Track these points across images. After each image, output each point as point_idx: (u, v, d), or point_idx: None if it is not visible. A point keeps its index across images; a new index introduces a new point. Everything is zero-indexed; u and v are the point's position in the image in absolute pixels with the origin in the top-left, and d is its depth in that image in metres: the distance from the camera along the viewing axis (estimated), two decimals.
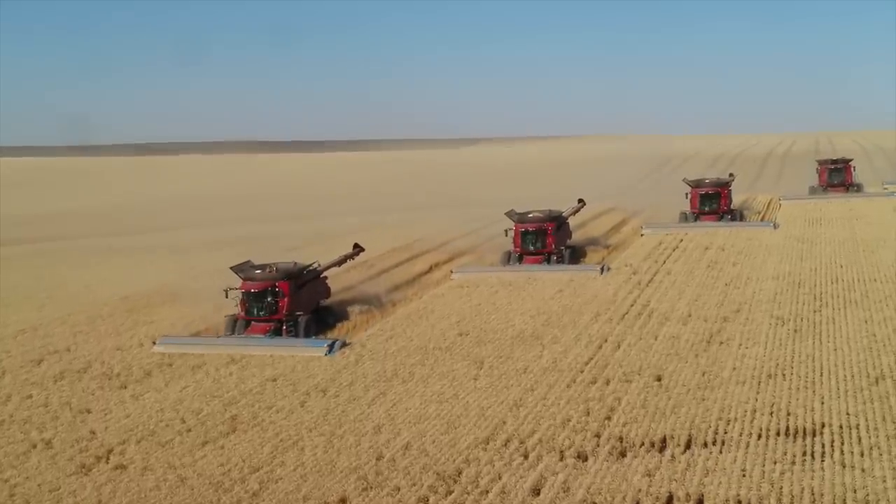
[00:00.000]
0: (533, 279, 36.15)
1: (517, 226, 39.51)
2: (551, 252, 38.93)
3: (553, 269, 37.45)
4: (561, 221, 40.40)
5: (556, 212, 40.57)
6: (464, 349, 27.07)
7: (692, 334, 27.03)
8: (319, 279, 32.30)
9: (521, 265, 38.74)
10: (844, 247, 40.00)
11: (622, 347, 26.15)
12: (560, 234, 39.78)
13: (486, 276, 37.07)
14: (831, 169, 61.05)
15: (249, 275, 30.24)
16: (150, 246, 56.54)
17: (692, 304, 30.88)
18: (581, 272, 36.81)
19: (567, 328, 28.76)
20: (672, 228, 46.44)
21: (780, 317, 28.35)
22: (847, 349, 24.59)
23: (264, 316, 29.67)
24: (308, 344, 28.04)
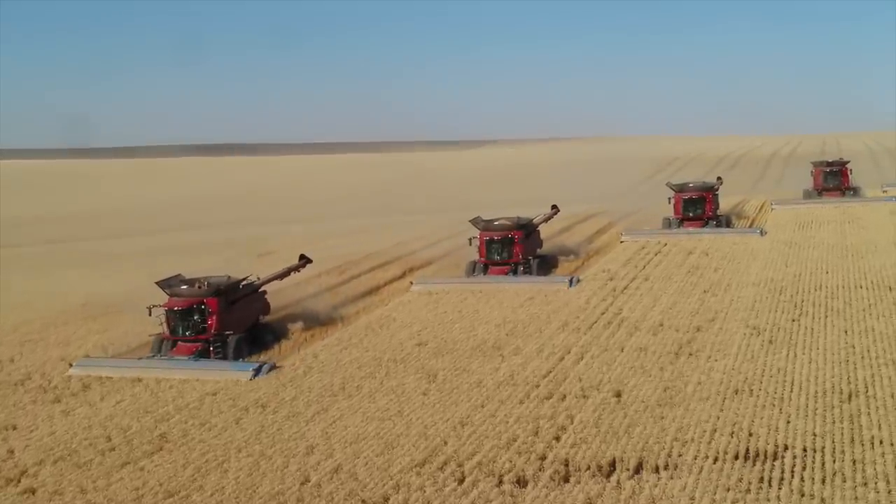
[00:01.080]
0: (497, 291, 34.08)
1: (482, 234, 37.11)
2: (518, 262, 36.60)
3: (518, 281, 35.13)
4: (530, 229, 38.17)
5: (524, 219, 38.15)
6: (419, 361, 25.65)
7: (661, 345, 25.54)
8: (257, 294, 29.99)
9: (485, 276, 36.35)
10: (833, 252, 38.38)
11: (585, 359, 24.68)
12: (529, 243, 37.50)
13: (448, 288, 35.01)
14: (826, 171, 57.48)
15: (175, 291, 27.99)
16: (130, 251, 55.36)
17: (666, 312, 29.37)
18: (548, 284, 34.46)
19: (531, 338, 27.31)
20: (653, 235, 44.20)
21: (756, 326, 26.82)
22: (822, 362, 23.06)
23: (191, 336, 27.21)
24: (233, 368, 25.63)
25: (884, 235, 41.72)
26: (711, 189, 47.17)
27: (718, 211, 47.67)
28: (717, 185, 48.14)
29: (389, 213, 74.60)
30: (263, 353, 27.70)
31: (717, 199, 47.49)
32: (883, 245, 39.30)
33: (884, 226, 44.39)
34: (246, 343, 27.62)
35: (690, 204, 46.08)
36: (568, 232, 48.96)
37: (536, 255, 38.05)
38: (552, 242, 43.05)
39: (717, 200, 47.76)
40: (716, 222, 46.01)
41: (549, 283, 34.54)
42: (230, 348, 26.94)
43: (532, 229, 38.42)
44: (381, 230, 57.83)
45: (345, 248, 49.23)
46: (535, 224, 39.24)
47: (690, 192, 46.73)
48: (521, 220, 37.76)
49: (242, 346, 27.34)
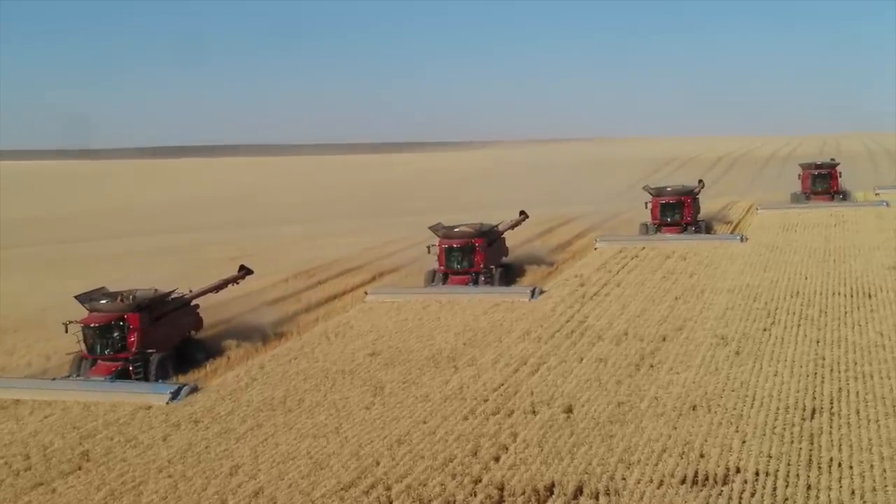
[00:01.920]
0: (453, 302, 32.16)
1: (441, 241, 35.01)
2: (479, 272, 34.59)
3: (478, 292, 33.17)
4: (493, 237, 36.16)
5: (487, 226, 36.20)
6: (369, 372, 24.44)
7: (622, 356, 24.30)
8: (187, 308, 27.71)
9: (443, 286, 34.15)
10: (814, 256, 37.09)
11: (540, 371, 23.46)
12: (492, 252, 35.48)
13: (402, 299, 33.10)
14: (815, 174, 55.10)
15: (94, 306, 25.88)
16: (114, 253, 54.04)
17: (633, 320, 28.13)
18: (508, 296, 32.35)
19: (489, 348, 26.09)
20: (629, 242, 42.11)
21: (724, 336, 25.56)
22: (788, 375, 21.81)
23: (110, 354, 25.15)
24: (150, 390, 23.49)
25: (868, 239, 40.45)
26: (691, 193, 45.24)
27: (699, 216, 45.76)
28: (697, 189, 46.26)
29: (380, 215, 73.35)
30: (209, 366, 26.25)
31: (697, 204, 45.54)
32: (866, 249, 38.03)
33: (869, 229, 43.12)
34: (172, 362, 25.58)
35: (668, 209, 44.13)
36: (543, 237, 47.41)
37: (500, 264, 36.14)
38: (523, 249, 41.59)
39: (698, 205, 45.91)
40: (695, 228, 44.03)
41: (510, 295, 32.50)
42: (152, 368, 24.87)
43: (496, 237, 36.62)
44: (365, 232, 56.61)
45: (321, 250, 48.15)
46: (500, 231, 37.36)
47: (668, 196, 44.70)
48: (484, 226, 35.92)
49: (167, 365, 25.26)
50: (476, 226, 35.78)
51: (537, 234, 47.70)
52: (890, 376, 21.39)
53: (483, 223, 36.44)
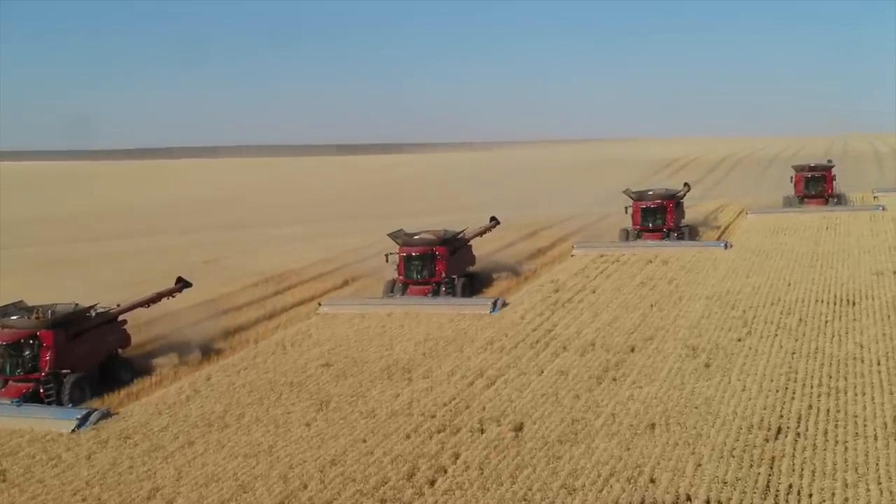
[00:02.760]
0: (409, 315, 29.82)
1: (401, 249, 33.08)
2: (441, 282, 32.50)
3: (436, 304, 31.03)
4: (457, 245, 34.00)
5: (452, 233, 34.13)
6: (318, 385, 23.20)
7: (585, 368, 22.99)
8: (112, 325, 25.63)
9: (400, 298, 32.15)
10: (801, 261, 35.66)
11: (496, 385, 22.18)
12: (455, 260, 33.34)
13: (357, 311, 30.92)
14: (808, 177, 52.38)
15: (4, 322, 23.89)
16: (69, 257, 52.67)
17: (603, 329, 26.81)
18: (469, 308, 30.14)
19: (448, 359, 24.81)
20: (607, 249, 39.96)
21: (695, 347, 24.22)
22: (756, 390, 20.47)
23: (21, 375, 23.22)
24: (54, 416, 21.44)
25: (859, 242, 39.04)
26: (674, 197, 42.89)
27: (684, 221, 43.70)
28: (682, 192, 44.19)
29: (373, 217, 71.99)
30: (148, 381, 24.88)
31: (680, 209, 43.37)
32: (856, 253, 36.62)
33: (861, 232, 41.67)
34: (90, 383, 23.68)
35: (649, 214, 42.04)
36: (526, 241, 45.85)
37: (465, 273, 34.16)
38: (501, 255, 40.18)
39: (682, 209, 43.74)
40: (677, 234, 41.85)
41: (469, 307, 30.30)
42: (65, 390, 22.86)
43: (460, 244, 34.48)
44: (352, 234, 55.30)
45: (299, 253, 46.93)
46: (466, 239, 35.24)
47: (649, 200, 42.51)
48: (448, 234, 33.92)
49: (84, 386, 23.38)
50: (439, 233, 33.78)
51: (521, 238, 46.35)
52: (864, 392, 20.06)
53: (447, 230, 34.41)
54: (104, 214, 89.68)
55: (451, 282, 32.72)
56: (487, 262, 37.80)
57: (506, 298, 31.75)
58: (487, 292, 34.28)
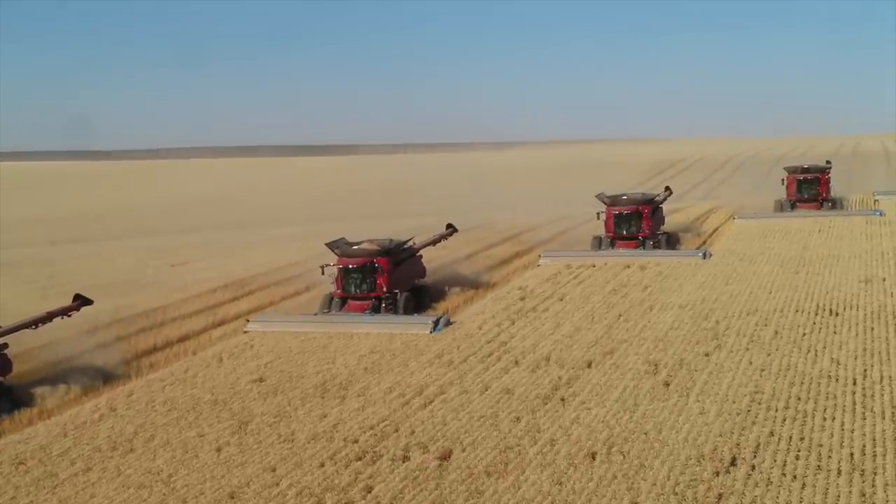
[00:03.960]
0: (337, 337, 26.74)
1: (339, 261, 30.14)
2: (381, 296, 29.60)
3: (372, 323, 27.97)
4: (403, 256, 31.06)
5: (397, 242, 31.18)
6: (243, 403, 21.35)
7: (533, 386, 21.07)
8: None
9: (337, 315, 29.30)
10: (786, 266, 33.60)
11: (434, 404, 20.27)
12: (400, 273, 30.39)
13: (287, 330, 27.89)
14: (800, 180, 49.09)
15: None
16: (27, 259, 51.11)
17: (561, 341, 24.86)
18: (408, 327, 27.20)
19: (390, 374, 22.93)
20: (576, 258, 37.09)
21: (656, 362, 22.25)
22: (715, 414, 18.50)
23: None
24: None
25: (850, 246, 36.99)
26: (651, 202, 39.95)
27: (663, 227, 40.98)
28: (661, 197, 41.60)
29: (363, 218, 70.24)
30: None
31: (659, 214, 40.58)
32: (845, 258, 34.58)
33: (854, 235, 39.60)
34: None
35: (623, 220, 39.02)
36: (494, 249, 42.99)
37: (415, 286, 31.24)
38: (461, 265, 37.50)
39: (660, 215, 40.98)
40: (653, 242, 38.98)
41: (408, 326, 27.27)
42: None
43: (407, 255, 31.42)
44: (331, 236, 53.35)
45: (272, 256, 45.15)
46: (414, 248, 32.24)
47: (624, 206, 39.44)
48: (393, 243, 30.87)
49: None
50: (383, 242, 30.80)
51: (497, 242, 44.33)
52: (833, 417, 18.07)
53: (393, 238, 31.41)
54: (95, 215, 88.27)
55: (393, 297, 29.63)
56: (448, 273, 35.23)
57: (462, 310, 29.87)
58: (440, 307, 31.22)
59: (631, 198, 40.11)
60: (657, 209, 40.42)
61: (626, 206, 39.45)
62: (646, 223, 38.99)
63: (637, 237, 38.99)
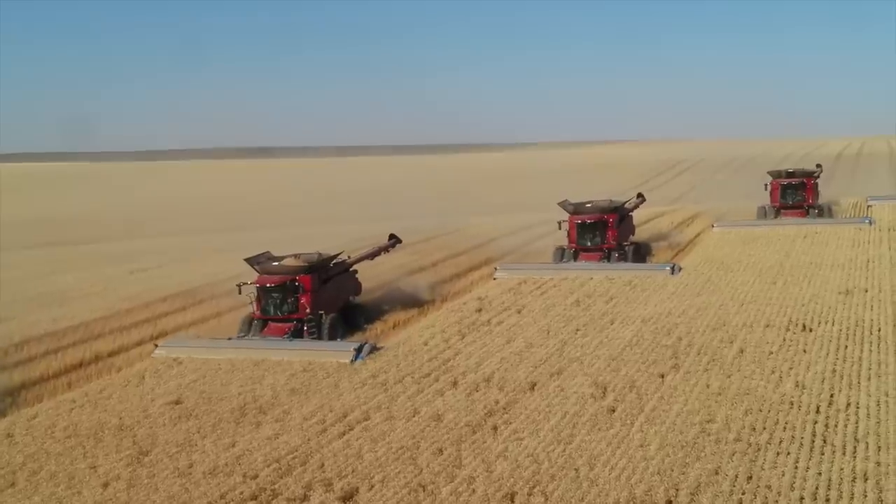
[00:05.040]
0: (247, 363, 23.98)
1: (259, 278, 27.21)
2: (303, 318, 26.57)
3: (290, 349, 24.84)
4: (331, 272, 28.16)
5: (326, 256, 28.14)
6: (151, 429, 19.52)
7: (467, 412, 19.19)
8: None
9: (255, 339, 26.35)
10: (764, 276, 31.63)
11: (353, 432, 18.43)
12: (327, 292, 27.49)
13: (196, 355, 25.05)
14: (785, 185, 45.68)
15: None
16: None
17: (509, 359, 22.98)
18: (326, 356, 23.98)
19: (317, 396, 21.08)
20: (534, 271, 34.09)
21: (606, 384, 20.36)
22: (657, 447, 16.58)
23: None
24: None
25: (834, 253, 34.99)
26: (617, 210, 36.55)
27: (633, 237, 37.98)
28: (631, 204, 38.48)
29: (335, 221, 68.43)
30: None
31: (628, 224, 37.48)
32: (828, 266, 32.61)
33: (840, 241, 37.58)
34: None
35: (587, 230, 35.68)
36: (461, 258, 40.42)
37: (347, 305, 28.42)
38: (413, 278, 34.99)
39: (630, 224, 37.95)
40: (619, 254, 35.71)
41: (327, 355, 24.13)
42: None
43: (337, 271, 28.52)
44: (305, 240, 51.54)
45: (234, 262, 43.28)
46: (348, 263, 29.32)
47: (587, 214, 35.99)
48: (321, 257, 27.85)
49: None
50: (310, 257, 27.68)
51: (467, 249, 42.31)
52: (788, 452, 16.14)
53: (321, 253, 28.35)
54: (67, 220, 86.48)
55: (317, 319, 26.58)
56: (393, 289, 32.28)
57: (415, 321, 28.02)
58: (375, 329, 28.14)
59: (596, 205, 36.75)
60: (625, 218, 37.42)
61: (589, 214, 36.17)
62: (612, 233, 35.78)
63: (602, 249, 35.79)
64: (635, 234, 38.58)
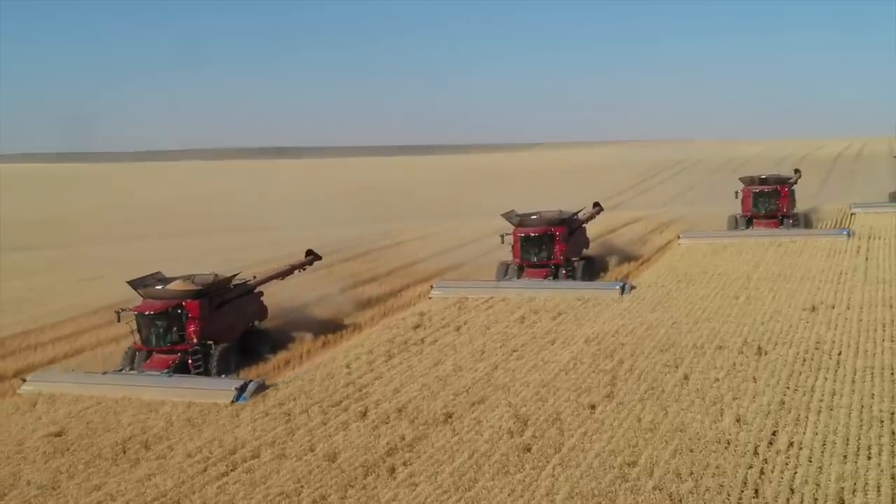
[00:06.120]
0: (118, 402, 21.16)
1: (141, 304, 23.97)
2: (188, 350, 23.18)
3: (166, 387, 21.66)
4: (227, 296, 24.68)
5: (223, 277, 24.84)
6: (18, 466, 17.62)
7: (366, 450, 17.19)
8: None
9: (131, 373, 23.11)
10: (728, 289, 29.55)
11: (234, 473, 16.46)
12: (221, 318, 24.04)
13: (65, 391, 22.11)
14: (757, 193, 41.84)
15: None
16: None
17: (430, 386, 20.98)
18: (209, 394, 20.96)
19: (211, 427, 19.12)
20: (473, 290, 30.90)
21: (528, 417, 18.35)
22: (563, 497, 14.56)
23: None
24: None
25: (807, 264, 32.94)
26: (567, 222, 33.01)
27: (587, 250, 34.79)
28: (585, 215, 35.19)
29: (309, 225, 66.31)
30: None
31: (579, 237, 34.10)
32: (797, 278, 30.57)
33: (815, 250, 35.49)
34: None
35: (532, 244, 32.38)
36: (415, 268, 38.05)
37: (247, 333, 25.06)
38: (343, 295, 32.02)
39: (582, 238, 34.56)
40: (565, 271, 32.19)
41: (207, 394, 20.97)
42: None
43: (234, 294, 25.07)
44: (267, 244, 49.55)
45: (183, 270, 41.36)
46: (251, 285, 26.01)
47: (533, 227, 32.61)
48: (217, 278, 24.59)
49: None
50: (205, 278, 24.49)
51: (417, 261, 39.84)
52: (712, 502, 14.16)
53: (218, 273, 25.13)
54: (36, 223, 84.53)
55: (204, 350, 23.24)
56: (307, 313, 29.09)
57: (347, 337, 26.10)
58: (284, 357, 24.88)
59: (543, 217, 33.21)
60: (577, 231, 33.95)
61: (535, 227, 32.66)
62: (559, 248, 32.30)
63: (548, 264, 32.36)
64: (589, 247, 35.52)
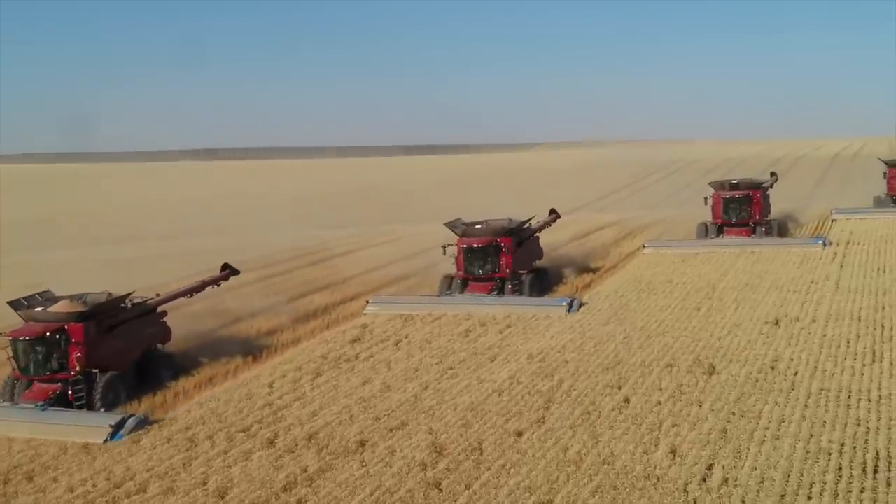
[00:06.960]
0: None
1: (16, 330, 21.18)
2: (70, 378, 20.49)
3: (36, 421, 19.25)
4: (118, 318, 22.02)
5: (116, 297, 22.44)
6: None
7: (262, 484, 15.64)
8: None
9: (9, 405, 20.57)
10: (690, 299, 28.06)
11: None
12: (112, 343, 21.48)
13: None
14: (727, 199, 39.45)
15: None
16: None
17: (352, 408, 19.45)
18: (75, 433, 18.59)
19: (107, 455, 17.58)
20: (408, 306, 28.73)
21: (445, 446, 16.81)
22: None
23: None
24: None
25: (777, 272, 31.48)
26: (514, 232, 30.52)
27: (539, 261, 32.31)
28: (540, 223, 33.07)
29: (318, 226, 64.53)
30: None
31: (529, 248, 31.65)
32: (765, 288, 29.09)
33: (788, 257, 33.99)
34: None
35: (476, 256, 29.89)
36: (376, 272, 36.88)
37: (145, 358, 22.48)
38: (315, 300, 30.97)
39: (534, 247, 32.15)
40: (512, 285, 29.77)
41: (76, 433, 18.62)
42: None
43: (130, 315, 22.43)
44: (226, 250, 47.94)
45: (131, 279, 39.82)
46: (152, 304, 23.25)
47: (477, 237, 30.14)
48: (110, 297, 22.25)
49: None
50: (98, 297, 22.13)
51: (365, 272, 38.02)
52: None
53: (111, 293, 22.62)
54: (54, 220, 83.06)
55: (88, 380, 20.60)
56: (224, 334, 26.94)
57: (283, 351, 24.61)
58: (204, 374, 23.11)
59: (489, 226, 30.77)
60: (526, 241, 31.58)
61: (479, 237, 30.16)
62: (506, 260, 29.82)
63: (493, 277, 30.06)
64: (542, 258, 33.09)
